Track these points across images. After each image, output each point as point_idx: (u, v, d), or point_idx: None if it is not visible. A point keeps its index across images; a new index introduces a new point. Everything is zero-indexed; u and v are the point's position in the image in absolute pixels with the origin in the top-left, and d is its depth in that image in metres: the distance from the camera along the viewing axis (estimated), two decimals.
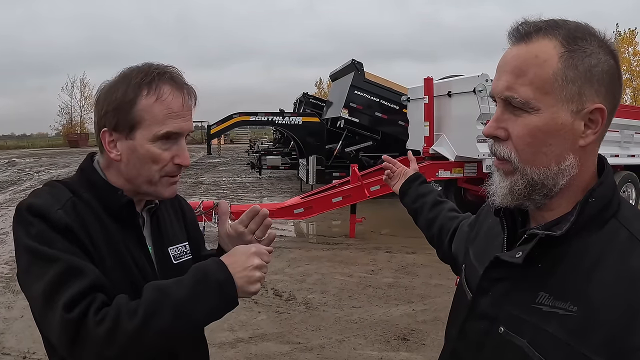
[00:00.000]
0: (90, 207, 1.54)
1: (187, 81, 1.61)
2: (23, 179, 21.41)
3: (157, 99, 1.51)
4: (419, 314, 6.27)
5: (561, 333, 1.09)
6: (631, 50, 34.78)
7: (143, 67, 1.56)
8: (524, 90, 1.15)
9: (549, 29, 1.16)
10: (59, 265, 1.37)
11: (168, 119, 1.53)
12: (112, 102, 1.53)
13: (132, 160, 1.56)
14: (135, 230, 1.63)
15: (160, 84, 1.53)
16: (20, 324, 5.95)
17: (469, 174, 10.91)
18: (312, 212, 10.10)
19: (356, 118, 15.29)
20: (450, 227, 1.98)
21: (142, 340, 1.33)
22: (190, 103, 1.59)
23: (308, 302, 6.71)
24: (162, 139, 1.54)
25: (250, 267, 1.48)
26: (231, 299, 1.44)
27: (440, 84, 11.19)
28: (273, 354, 5.16)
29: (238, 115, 16.13)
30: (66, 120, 61.84)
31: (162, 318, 1.34)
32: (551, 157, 1.16)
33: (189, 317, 1.38)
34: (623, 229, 1.13)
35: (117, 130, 1.55)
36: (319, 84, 65.17)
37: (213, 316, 1.44)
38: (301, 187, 16.95)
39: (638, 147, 12.21)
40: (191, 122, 1.61)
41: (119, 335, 1.31)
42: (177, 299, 1.37)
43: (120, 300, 1.37)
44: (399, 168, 2.43)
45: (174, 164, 1.58)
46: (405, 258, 8.84)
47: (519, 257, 1.19)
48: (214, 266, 1.46)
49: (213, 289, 1.41)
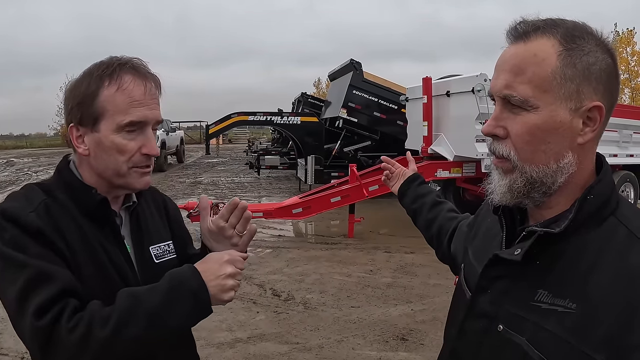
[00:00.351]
0: (65, 209, 1.53)
1: (151, 70, 1.60)
2: (21, 179, 21.37)
3: (118, 89, 1.51)
4: (418, 314, 6.28)
5: (560, 330, 1.10)
6: (629, 50, 34.78)
7: (105, 60, 1.56)
8: (522, 89, 1.15)
9: (547, 27, 1.17)
10: (29, 272, 1.36)
11: (131, 108, 1.52)
12: (77, 97, 1.54)
13: (99, 153, 1.55)
14: (112, 229, 1.61)
15: (121, 73, 1.52)
16: None
17: (467, 173, 10.91)
18: (310, 212, 10.08)
19: (355, 118, 15.28)
20: (449, 228, 1.98)
21: (114, 347, 1.33)
22: (154, 91, 1.58)
23: (307, 302, 6.70)
24: (126, 128, 1.52)
25: (223, 276, 1.47)
26: (205, 306, 1.44)
27: (438, 84, 11.19)
28: (272, 354, 5.16)
29: (236, 115, 16.13)
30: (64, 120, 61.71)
31: (135, 326, 1.34)
32: (550, 155, 1.16)
33: (161, 325, 1.38)
34: (622, 227, 1.14)
35: (82, 124, 1.55)
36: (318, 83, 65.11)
37: (186, 324, 1.45)
38: (300, 187, 16.93)
39: (636, 146, 12.22)
40: (157, 111, 1.59)
41: (91, 342, 1.31)
42: (150, 306, 1.37)
43: (93, 307, 1.37)
44: (398, 169, 2.44)
45: (142, 154, 1.56)
46: (403, 258, 8.84)
47: (518, 254, 1.19)
48: (188, 273, 1.45)
49: (187, 297, 1.41)
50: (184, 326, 1.45)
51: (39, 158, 34.64)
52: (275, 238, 10.59)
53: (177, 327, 1.42)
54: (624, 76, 34.36)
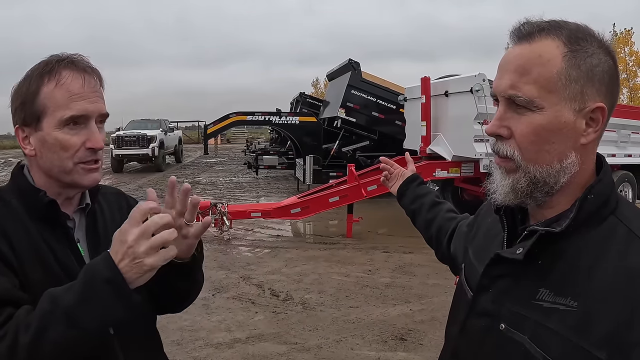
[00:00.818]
0: (15, 213, 1.51)
1: (91, 64, 1.57)
2: None
3: (57, 84, 1.49)
4: (417, 314, 6.28)
5: (562, 328, 1.11)
6: (627, 50, 34.84)
7: (45, 59, 1.55)
8: (528, 89, 1.16)
9: (552, 29, 1.18)
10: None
11: (70, 102, 1.49)
12: (19, 98, 1.53)
13: (44, 152, 1.53)
14: (63, 232, 1.56)
15: (59, 69, 1.51)
16: None
17: (466, 173, 10.93)
18: (309, 212, 10.09)
19: (353, 118, 15.29)
20: (449, 228, 1.98)
21: (40, 353, 1.25)
22: (94, 84, 1.54)
23: (305, 302, 6.70)
24: (68, 123, 1.50)
25: (126, 249, 1.28)
26: (123, 293, 1.27)
27: (437, 84, 11.20)
28: (270, 355, 5.16)
29: (235, 114, 16.10)
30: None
31: (54, 329, 1.25)
32: (554, 155, 1.17)
33: (82, 324, 1.25)
34: (622, 226, 1.15)
35: (26, 124, 1.54)
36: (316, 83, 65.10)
37: (110, 317, 1.29)
38: (298, 186, 16.93)
39: (635, 146, 12.25)
40: (100, 104, 1.55)
41: (18, 350, 1.25)
42: (67, 306, 1.25)
43: (20, 313, 1.31)
44: (397, 169, 2.44)
45: (86, 148, 1.52)
46: (402, 258, 8.85)
47: (520, 253, 1.20)
48: (101, 262, 1.29)
49: (102, 289, 1.26)
50: (107, 320, 1.30)
51: None
52: (274, 238, 10.58)
53: (100, 324, 1.28)
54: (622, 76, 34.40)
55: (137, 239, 1.27)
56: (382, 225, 11.49)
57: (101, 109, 1.55)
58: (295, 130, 16.27)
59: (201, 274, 1.77)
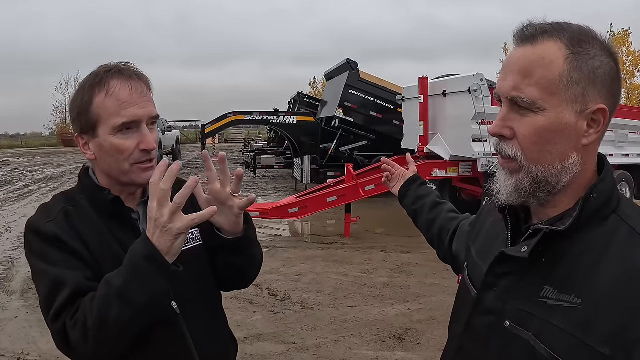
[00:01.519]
0: (84, 213, 1.66)
1: (138, 71, 1.69)
2: (17, 179, 21.32)
3: (107, 94, 1.61)
4: (415, 314, 6.28)
5: (566, 325, 1.13)
6: (625, 50, 34.93)
7: (94, 71, 1.67)
8: (530, 91, 1.18)
9: (554, 31, 1.19)
10: (47, 280, 1.53)
11: (121, 110, 1.61)
12: (75, 109, 1.68)
13: (103, 156, 1.66)
14: (130, 226, 1.69)
15: (108, 79, 1.62)
16: (14, 324, 5.93)
17: (463, 173, 10.94)
18: (306, 212, 10.09)
19: (351, 117, 15.30)
20: (451, 228, 2.01)
21: (107, 333, 1.42)
22: (141, 89, 1.65)
23: (303, 302, 6.70)
24: (121, 129, 1.62)
25: (154, 220, 1.43)
26: (162, 265, 1.43)
27: (435, 84, 11.20)
28: (268, 354, 5.16)
29: (233, 114, 16.10)
30: (60, 120, 61.60)
31: (112, 309, 1.41)
32: (556, 156, 1.20)
33: (132, 301, 1.42)
34: (624, 224, 1.17)
35: (84, 132, 1.68)
36: (314, 83, 65.11)
37: (155, 290, 1.44)
38: (296, 186, 16.93)
39: (632, 146, 12.27)
40: (149, 108, 1.66)
41: (88, 333, 1.42)
42: (118, 286, 1.43)
43: (86, 300, 1.47)
44: (398, 170, 2.46)
45: (140, 150, 1.64)
46: (400, 257, 8.85)
47: (525, 251, 1.22)
48: (139, 243, 1.47)
49: (142, 266, 1.43)
50: (154, 293, 1.44)
51: (35, 158, 34.54)
52: (272, 238, 10.57)
53: (148, 298, 1.44)
54: None
55: (157, 209, 1.43)
56: (380, 225, 11.49)
57: (151, 112, 1.67)
58: (293, 129, 16.27)
59: (257, 248, 1.87)
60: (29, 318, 6.09)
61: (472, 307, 1.37)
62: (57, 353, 5.32)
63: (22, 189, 18.07)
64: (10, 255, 9.00)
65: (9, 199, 15.74)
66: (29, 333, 5.67)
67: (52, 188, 18.09)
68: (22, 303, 6.60)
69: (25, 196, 16.27)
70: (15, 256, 8.95)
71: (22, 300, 6.69)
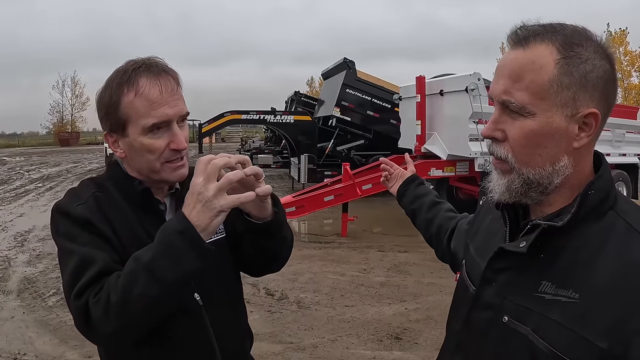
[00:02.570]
0: (114, 199, 1.66)
1: (166, 67, 1.66)
2: (13, 178, 21.29)
3: (136, 94, 1.58)
4: (412, 313, 6.27)
5: (564, 320, 1.14)
6: (622, 50, 34.99)
7: (122, 67, 1.64)
8: (520, 95, 1.19)
9: (547, 34, 1.19)
10: (75, 259, 1.51)
11: (151, 110, 1.58)
12: (103, 108, 1.65)
13: (133, 155, 1.65)
14: (157, 216, 1.69)
15: (136, 78, 1.59)
16: (10, 325, 5.91)
17: (460, 172, 10.95)
18: (303, 211, 10.07)
19: (348, 116, 15.31)
20: (449, 227, 2.02)
21: (129, 309, 1.40)
22: (171, 87, 1.62)
23: (300, 302, 6.70)
24: (151, 130, 1.60)
25: (196, 194, 1.43)
26: (195, 241, 1.42)
27: (432, 83, 11.21)
28: (265, 354, 5.15)
29: (230, 113, 16.08)
30: (57, 119, 61.64)
31: (138, 283, 1.40)
32: (546, 159, 1.21)
33: (160, 276, 1.40)
34: (621, 220, 1.19)
35: (113, 131, 1.66)
36: (311, 82, 65.09)
37: (186, 267, 1.42)
38: (293, 185, 16.94)
39: (629, 146, 12.32)
40: (179, 107, 1.64)
41: (110, 309, 1.40)
42: (146, 261, 1.41)
43: (110, 278, 1.46)
44: (396, 170, 2.47)
45: (170, 149, 1.63)
46: (397, 257, 8.85)
47: (524, 246, 1.23)
48: (174, 218, 1.47)
49: (175, 240, 1.41)
50: (186, 271, 1.43)
51: (31, 157, 34.51)
52: None
53: (180, 274, 1.42)
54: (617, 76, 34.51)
55: (203, 184, 1.42)
56: (377, 224, 11.50)
57: (181, 111, 1.64)
58: (290, 129, 16.26)
59: (288, 230, 1.84)
60: (25, 318, 6.08)
61: (471, 302, 1.38)
62: (54, 353, 5.29)
63: (19, 188, 18.05)
64: (7, 255, 8.98)
65: (6, 198, 15.71)
66: (26, 333, 5.65)
67: (48, 187, 18.07)
68: (19, 303, 6.59)
69: (22, 195, 16.24)
70: (11, 256, 8.93)
71: (19, 301, 6.67)
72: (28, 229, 11.22)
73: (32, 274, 7.82)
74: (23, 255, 9.02)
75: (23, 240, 10.15)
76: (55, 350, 5.21)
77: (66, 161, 30.18)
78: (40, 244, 9.81)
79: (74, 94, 61.24)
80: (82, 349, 5.11)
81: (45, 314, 6.20)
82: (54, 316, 6.11)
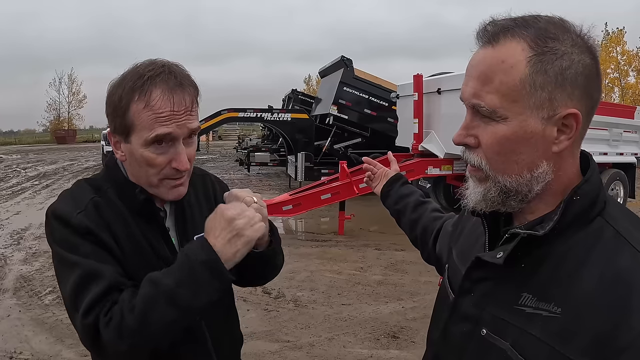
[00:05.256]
0: (113, 205, 1.60)
1: (185, 80, 1.56)
2: (10, 176, 21.25)
3: (146, 105, 1.49)
4: (409, 312, 6.27)
5: (545, 335, 1.06)
6: (619, 49, 35.03)
7: (138, 69, 1.54)
8: (490, 98, 1.11)
9: (517, 29, 1.10)
10: (78, 272, 1.45)
11: (156, 124, 1.50)
12: (110, 106, 1.57)
13: (132, 163, 1.60)
14: (157, 224, 1.66)
15: (151, 87, 1.50)
16: (6, 323, 5.90)
17: (458, 171, 10.93)
18: (300, 209, 10.06)
19: (345, 115, 15.28)
20: (434, 228, 1.94)
21: (146, 332, 1.38)
22: (186, 104, 1.54)
23: (297, 300, 6.69)
24: (153, 143, 1.52)
25: (228, 226, 1.44)
26: (219, 272, 1.42)
27: (429, 81, 11.19)
28: (262, 353, 5.14)
29: (227, 111, 16.05)
30: (54, 117, 61.55)
31: (157, 309, 1.37)
32: (522, 166, 1.13)
33: (181, 304, 1.39)
34: (608, 227, 1.10)
35: (116, 132, 1.59)
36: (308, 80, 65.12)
37: (208, 296, 1.43)
38: (289, 183, 16.93)
39: (626, 145, 12.31)
40: (190, 123, 1.55)
41: (124, 331, 1.37)
42: (167, 288, 1.39)
43: (124, 297, 1.42)
44: (380, 169, 2.40)
45: (172, 167, 1.56)
46: (394, 255, 8.85)
47: (500, 257, 1.15)
48: (198, 246, 1.44)
49: (199, 271, 1.40)
50: (205, 299, 1.42)
51: (28, 154, 34.45)
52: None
53: (200, 302, 1.42)
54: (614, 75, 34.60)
55: (238, 214, 1.45)
56: (374, 223, 11.47)
57: (189, 128, 1.56)
58: (287, 127, 16.24)
59: (280, 258, 1.86)
60: (21, 316, 6.06)
61: (450, 312, 1.31)
62: (50, 352, 5.27)
63: (15, 186, 18.01)
64: (3, 253, 8.97)
65: (2, 196, 15.67)
66: (21, 332, 5.64)
67: (45, 185, 18.04)
68: (15, 301, 6.57)
69: (18, 193, 16.21)
70: (7, 254, 8.91)
71: (15, 299, 6.66)
72: (24, 227, 11.19)
73: (29, 272, 7.80)
74: (19, 253, 9.00)
75: (19, 238, 10.12)
76: (52, 349, 5.19)
77: (63, 159, 30.12)
78: (36, 242, 9.79)
79: (70, 92, 61.24)
80: (78, 347, 5.09)
81: (41, 312, 6.19)
82: (50, 314, 6.09)
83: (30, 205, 14.14)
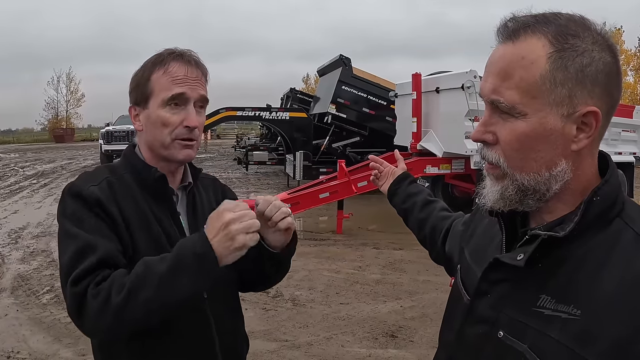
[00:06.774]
0: (127, 186, 1.74)
1: (199, 61, 1.80)
2: (8, 175, 21.21)
3: (164, 72, 1.73)
4: (407, 311, 6.27)
5: (564, 338, 1.05)
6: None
7: (160, 52, 1.79)
8: (509, 94, 1.10)
9: (538, 25, 1.09)
10: (78, 243, 1.55)
11: (173, 85, 1.71)
12: (134, 82, 1.80)
13: (149, 127, 1.77)
14: (168, 205, 1.79)
15: (169, 60, 1.74)
16: (4, 322, 5.89)
17: (456, 170, 10.94)
18: (299, 208, 10.04)
19: (344, 113, 15.27)
20: (443, 227, 1.92)
21: (129, 311, 1.44)
22: (196, 74, 1.76)
23: (295, 299, 6.68)
24: (169, 103, 1.72)
25: (223, 227, 1.50)
26: (212, 266, 1.48)
27: (428, 80, 11.20)
28: (260, 352, 5.13)
29: (225, 110, 16.01)
30: (52, 115, 61.55)
31: (145, 291, 1.45)
32: (541, 163, 1.11)
33: (169, 290, 1.46)
34: (628, 229, 1.08)
35: (137, 104, 1.79)
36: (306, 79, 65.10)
37: (196, 288, 1.52)
38: (288, 182, 16.92)
39: (625, 144, 12.30)
40: (200, 90, 1.76)
41: (109, 307, 1.44)
42: (159, 272, 1.46)
43: (115, 275, 1.50)
44: (387, 167, 2.36)
45: (183, 126, 1.73)
46: (392, 254, 8.84)
47: (521, 259, 1.13)
48: (195, 237, 1.53)
49: (192, 262, 1.47)
50: (193, 289, 1.51)
51: (26, 153, 34.40)
52: None
53: (187, 291, 1.49)
54: None
55: (234, 219, 1.49)
56: (373, 222, 11.48)
57: (200, 93, 1.77)
58: (286, 126, 16.20)
59: (288, 265, 1.96)
60: (19, 316, 6.05)
61: (465, 314, 1.29)
62: (47, 351, 5.26)
63: (13, 184, 17.99)
64: (1, 252, 8.95)
65: (0, 195, 15.64)
66: (19, 331, 5.62)
67: (43, 184, 18.00)
68: (12, 301, 6.56)
69: (16, 192, 16.18)
70: (5, 253, 8.90)
71: (12, 298, 6.65)
72: (22, 225, 11.17)
73: (26, 271, 7.79)
74: (17, 252, 8.99)
75: (17, 237, 10.11)
76: (49, 348, 5.18)
77: (61, 158, 30.08)
78: (34, 241, 9.78)
79: (69, 90, 61.25)
80: (76, 346, 5.09)
81: (39, 311, 6.18)
82: (47, 314, 6.08)
83: (28, 204, 14.09)
